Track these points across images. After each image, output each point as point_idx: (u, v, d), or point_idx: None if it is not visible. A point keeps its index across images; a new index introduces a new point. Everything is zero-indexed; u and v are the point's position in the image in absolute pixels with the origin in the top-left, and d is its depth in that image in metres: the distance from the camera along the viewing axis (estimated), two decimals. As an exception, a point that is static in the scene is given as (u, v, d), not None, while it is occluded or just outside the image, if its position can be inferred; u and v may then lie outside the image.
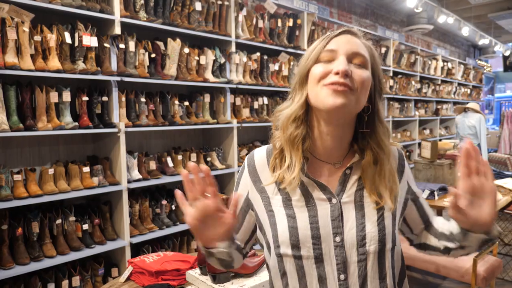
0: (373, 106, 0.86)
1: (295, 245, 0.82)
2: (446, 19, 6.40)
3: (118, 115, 2.73)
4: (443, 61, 7.47)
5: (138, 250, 2.91)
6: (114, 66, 2.69)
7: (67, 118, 2.49)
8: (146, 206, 2.93)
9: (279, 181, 0.87)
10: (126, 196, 2.72)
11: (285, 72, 3.95)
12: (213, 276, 1.30)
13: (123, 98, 2.77)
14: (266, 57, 3.77)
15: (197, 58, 3.20)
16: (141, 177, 2.84)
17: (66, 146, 2.80)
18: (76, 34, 2.47)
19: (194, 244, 3.25)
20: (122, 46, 2.70)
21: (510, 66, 11.21)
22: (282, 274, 0.86)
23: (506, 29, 9.45)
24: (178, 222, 3.07)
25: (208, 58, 3.27)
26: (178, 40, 3.01)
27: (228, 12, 3.41)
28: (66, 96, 2.47)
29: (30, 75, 2.29)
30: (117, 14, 2.63)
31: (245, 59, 3.54)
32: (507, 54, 10.83)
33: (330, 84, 0.79)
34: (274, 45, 3.80)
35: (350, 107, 0.80)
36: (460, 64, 8.23)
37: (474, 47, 10.92)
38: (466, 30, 7.34)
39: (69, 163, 2.62)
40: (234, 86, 3.47)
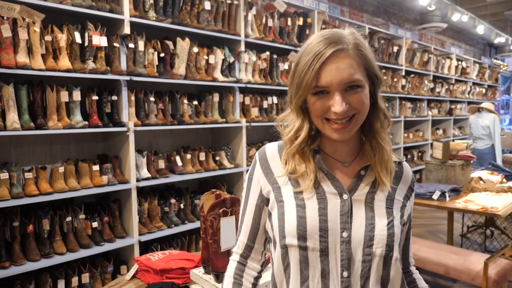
0: (374, 100, 0.87)
1: (302, 235, 0.82)
2: (460, 17, 6.29)
3: (128, 114, 2.76)
4: (458, 60, 7.34)
5: (146, 248, 2.93)
6: (123, 65, 2.71)
7: (77, 117, 2.52)
8: (155, 204, 2.95)
9: (292, 171, 0.88)
10: (135, 194, 2.75)
11: (294, 71, 3.92)
12: (216, 275, 1.30)
13: (133, 97, 2.80)
14: (275, 56, 3.76)
15: (206, 57, 3.20)
16: (150, 175, 2.87)
17: (77, 144, 2.84)
18: (86, 34, 2.49)
19: (201, 242, 3.25)
20: (131, 45, 2.73)
21: (527, 65, 10.96)
22: (286, 266, 0.86)
23: (523, 27, 9.25)
24: (187, 221, 3.08)
25: (217, 57, 3.27)
26: (187, 39, 3.02)
27: (237, 11, 3.41)
28: (76, 95, 2.50)
29: (41, 75, 2.32)
30: (126, 14, 2.65)
31: (254, 58, 3.53)
32: (524, 52, 10.59)
33: (333, 121, 0.81)
34: (283, 44, 3.79)
35: (355, 130, 0.84)
36: (475, 63, 8.07)
37: (490, 46, 10.71)
38: (481, 28, 7.20)
39: (79, 162, 2.66)
40: (243, 85, 3.47)
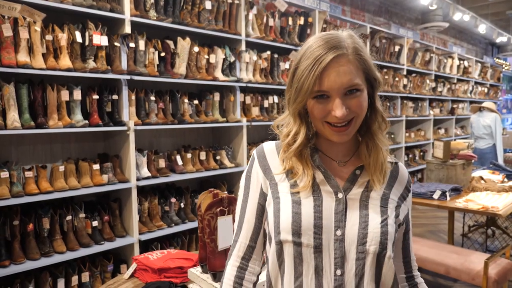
0: (372, 103, 0.88)
1: (297, 231, 0.83)
2: (462, 16, 6.27)
3: (128, 114, 2.76)
4: (459, 59, 7.32)
5: (147, 247, 2.94)
6: (124, 65, 2.72)
7: (78, 116, 2.53)
8: (155, 203, 2.95)
9: (289, 168, 0.89)
10: (135, 193, 2.75)
11: (295, 70, 3.92)
12: (213, 274, 1.30)
13: (133, 97, 2.80)
14: (276, 55, 3.76)
15: (206, 56, 3.20)
16: (150, 175, 2.87)
17: (77, 143, 2.84)
18: (86, 33, 2.50)
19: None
20: (132, 45, 2.73)
21: (530, 64, 10.92)
22: (280, 263, 0.86)
23: (525, 26, 9.21)
24: (187, 220, 3.09)
25: (218, 56, 3.27)
26: (188, 39, 3.03)
27: (238, 10, 3.41)
28: (77, 94, 2.51)
29: (42, 74, 2.33)
30: (127, 13, 2.65)
31: (255, 58, 3.53)
32: (527, 52, 10.55)
33: (333, 124, 0.82)
34: (284, 43, 3.79)
35: (354, 132, 0.86)
36: (477, 62, 8.04)
37: (492, 45, 10.67)
38: (483, 28, 7.18)
39: (79, 161, 2.66)
40: (244, 84, 3.47)
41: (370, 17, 6.02)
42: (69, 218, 2.54)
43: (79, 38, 2.46)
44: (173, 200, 3.06)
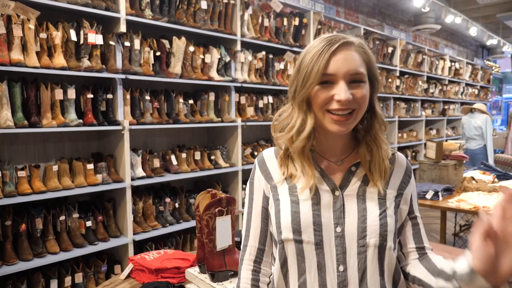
0: (371, 104, 0.90)
1: (297, 229, 0.85)
2: (453, 19, 6.34)
3: (123, 113, 2.74)
4: (451, 61, 7.40)
5: (141, 247, 2.92)
6: (119, 63, 2.70)
7: (72, 115, 2.51)
8: (150, 203, 2.94)
9: (288, 176, 0.91)
10: (129, 193, 2.73)
11: (290, 71, 3.93)
12: (212, 274, 1.30)
13: (128, 96, 2.78)
14: (271, 56, 3.76)
15: (202, 56, 3.20)
16: (144, 174, 2.86)
17: (71, 143, 2.82)
18: (81, 32, 2.48)
19: (196, 242, 3.25)
20: (127, 44, 2.71)
21: (519, 66, 11.08)
22: (283, 262, 0.88)
23: (515, 29, 9.35)
24: (182, 220, 3.08)
25: (213, 56, 3.27)
26: (183, 38, 3.02)
27: (233, 10, 3.41)
28: (71, 93, 2.49)
29: (35, 72, 2.31)
30: (122, 12, 2.64)
31: (250, 58, 3.53)
32: (516, 54, 10.70)
33: (334, 111, 0.83)
34: (279, 44, 3.80)
35: (353, 126, 0.86)
36: (468, 64, 8.14)
37: (482, 48, 10.81)
38: (474, 30, 7.26)
39: (73, 160, 2.64)
40: (239, 84, 3.46)
41: (363, 18, 6.06)
42: (62, 218, 2.52)
43: (74, 37, 2.44)
44: (167, 200, 3.05)
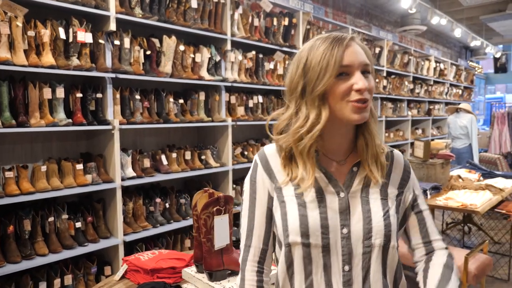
0: None
1: (305, 233, 0.85)
2: (439, 21, 6.45)
3: (113, 112, 2.71)
4: (436, 62, 7.53)
5: (131, 248, 2.89)
6: (108, 62, 2.66)
7: (61, 114, 2.46)
8: (140, 204, 2.91)
9: (293, 178, 0.90)
10: (120, 193, 2.70)
11: (280, 71, 3.95)
12: (209, 274, 1.30)
13: (118, 95, 2.75)
14: (261, 55, 3.77)
15: (192, 55, 3.18)
16: (135, 174, 2.83)
17: (59, 143, 2.77)
18: (70, 30, 2.44)
19: (187, 242, 3.24)
20: (117, 42, 2.68)
21: (501, 67, 11.36)
22: (289, 264, 0.88)
23: (497, 31, 9.57)
24: (172, 220, 3.06)
25: (203, 55, 3.25)
26: (173, 37, 3.00)
27: (224, 10, 3.40)
28: (60, 92, 2.45)
29: (23, 71, 2.26)
30: (112, 10, 2.60)
31: (240, 58, 3.53)
32: (498, 55, 10.96)
33: (355, 101, 0.84)
34: (269, 43, 3.80)
35: (369, 115, 0.88)
36: (452, 65, 8.30)
37: (465, 49, 11.03)
38: (459, 32, 7.41)
39: (62, 160, 2.59)
40: (229, 84, 3.46)
41: (351, 19, 6.12)
42: (51, 219, 2.47)
43: (63, 35, 2.40)
44: (158, 200, 3.03)
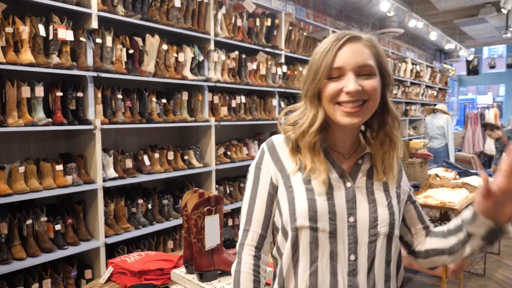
0: (383, 100, 0.91)
1: (313, 216, 0.85)
2: (416, 24, 6.63)
3: (94, 112, 2.65)
4: (412, 64, 7.73)
5: (112, 251, 2.83)
6: (90, 61, 2.60)
7: (40, 114, 2.39)
8: (122, 205, 2.86)
9: (302, 168, 0.90)
10: (101, 195, 2.65)
11: (262, 71, 3.96)
12: (200, 274, 1.29)
13: (99, 94, 2.69)
14: (244, 56, 3.77)
15: (175, 55, 3.15)
16: (117, 175, 2.77)
17: (37, 143, 2.69)
18: (50, 27, 2.37)
19: (170, 244, 3.20)
20: (98, 40, 2.63)
21: (473, 70, 11.76)
22: (295, 251, 0.87)
23: (469, 35, 9.91)
24: (155, 222, 3.02)
25: (186, 55, 3.23)
26: (156, 36, 2.96)
27: (207, 9, 3.38)
28: (39, 91, 2.37)
29: (1, 68, 2.18)
30: (94, 7, 2.55)
31: (223, 58, 3.52)
32: (470, 58, 11.35)
33: (344, 103, 0.84)
34: (252, 44, 3.81)
35: (365, 119, 0.88)
36: (427, 67, 8.54)
37: (440, 51, 11.37)
38: (434, 35, 7.63)
39: (40, 161, 2.52)
40: (213, 84, 3.44)
41: (331, 21, 6.20)
42: (29, 222, 2.39)
43: (43, 32, 2.33)
44: (140, 201, 2.98)
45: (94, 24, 2.55)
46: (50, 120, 2.39)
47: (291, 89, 4.20)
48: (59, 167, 2.52)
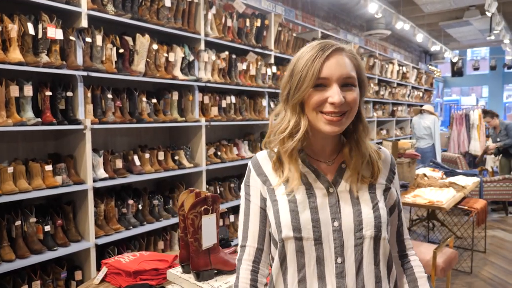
0: (358, 108, 0.93)
1: (296, 227, 0.88)
2: (402, 26, 6.73)
3: (84, 112, 2.62)
4: (399, 65, 7.85)
5: (102, 251, 2.81)
6: (79, 60, 2.58)
7: (29, 113, 2.36)
8: (112, 206, 2.83)
9: (284, 180, 0.93)
10: (91, 195, 2.62)
11: (252, 71, 3.97)
12: (197, 274, 1.29)
13: (89, 94, 2.67)
14: (234, 56, 3.77)
15: (166, 55, 3.14)
16: (107, 176, 2.75)
17: (26, 143, 2.65)
18: (40, 26, 2.34)
19: (160, 244, 3.19)
20: (88, 39, 2.60)
21: (457, 71, 11.99)
22: (282, 260, 0.90)
23: (454, 37, 10.11)
24: (145, 222, 3.00)
25: (177, 55, 3.22)
26: (147, 36, 2.94)
27: (197, 9, 3.38)
28: (28, 90, 2.34)
29: (-12, 67, 2.14)
30: (84, 6, 2.52)
31: (213, 58, 3.52)
32: (455, 60, 11.56)
33: (327, 113, 0.87)
34: (242, 44, 3.82)
35: (344, 127, 0.90)
36: (413, 68, 8.68)
37: (425, 53, 11.56)
38: (420, 37, 7.75)
39: (29, 161, 2.48)
40: (203, 84, 3.44)
41: (319, 22, 6.25)
42: (18, 223, 2.36)
43: (32, 30, 2.29)
44: (130, 201, 2.96)
45: (84, 23, 2.53)
46: (39, 119, 2.36)
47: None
48: (49, 168, 2.49)
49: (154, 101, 3.17)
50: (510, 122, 5.83)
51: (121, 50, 2.82)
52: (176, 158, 3.34)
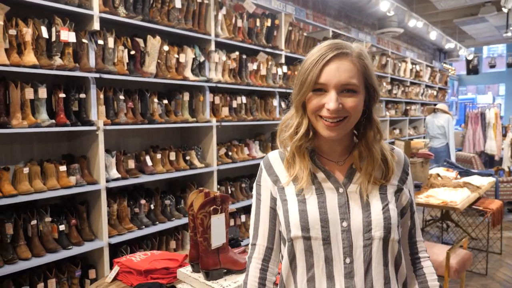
0: (369, 112, 0.94)
1: (305, 226, 0.88)
2: (415, 23, 6.64)
3: (97, 113, 2.66)
4: (412, 63, 7.75)
5: (115, 250, 2.85)
6: (92, 62, 2.62)
7: (43, 115, 2.41)
8: (125, 205, 2.87)
9: (294, 178, 0.94)
10: (104, 195, 2.66)
11: (263, 71, 3.97)
12: (206, 273, 1.30)
13: (102, 96, 2.71)
14: (244, 56, 3.78)
15: (176, 56, 3.17)
16: (119, 176, 2.79)
17: (40, 144, 2.70)
18: (53, 29, 2.38)
19: (172, 244, 3.22)
20: (100, 42, 2.64)
21: (473, 69, 11.78)
22: (292, 259, 0.91)
23: (469, 34, 9.93)
24: (157, 222, 3.03)
25: (187, 56, 3.24)
26: (158, 37, 2.97)
27: (207, 10, 3.40)
28: (42, 92, 2.39)
29: (4, 70, 2.19)
30: (95, 9, 2.56)
31: (224, 58, 3.53)
32: (470, 58, 11.36)
33: (325, 118, 0.88)
34: (252, 44, 3.82)
35: (345, 132, 0.90)
36: (427, 66, 8.56)
37: (439, 51, 11.38)
38: (434, 34, 7.64)
39: (44, 162, 2.53)
40: (214, 84, 3.46)
41: (331, 21, 6.22)
42: (34, 222, 2.41)
43: (45, 34, 2.34)
44: (142, 201, 2.99)
45: (96, 25, 2.57)
46: (53, 121, 2.41)
47: (292, 89, 4.20)
48: (63, 168, 2.54)
49: (166, 102, 3.20)
50: None
51: (132, 52, 2.86)
52: (187, 158, 3.37)
